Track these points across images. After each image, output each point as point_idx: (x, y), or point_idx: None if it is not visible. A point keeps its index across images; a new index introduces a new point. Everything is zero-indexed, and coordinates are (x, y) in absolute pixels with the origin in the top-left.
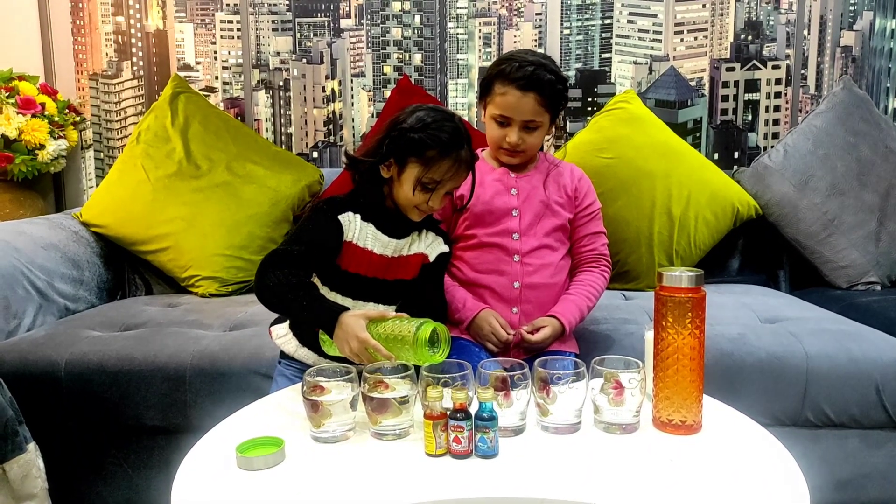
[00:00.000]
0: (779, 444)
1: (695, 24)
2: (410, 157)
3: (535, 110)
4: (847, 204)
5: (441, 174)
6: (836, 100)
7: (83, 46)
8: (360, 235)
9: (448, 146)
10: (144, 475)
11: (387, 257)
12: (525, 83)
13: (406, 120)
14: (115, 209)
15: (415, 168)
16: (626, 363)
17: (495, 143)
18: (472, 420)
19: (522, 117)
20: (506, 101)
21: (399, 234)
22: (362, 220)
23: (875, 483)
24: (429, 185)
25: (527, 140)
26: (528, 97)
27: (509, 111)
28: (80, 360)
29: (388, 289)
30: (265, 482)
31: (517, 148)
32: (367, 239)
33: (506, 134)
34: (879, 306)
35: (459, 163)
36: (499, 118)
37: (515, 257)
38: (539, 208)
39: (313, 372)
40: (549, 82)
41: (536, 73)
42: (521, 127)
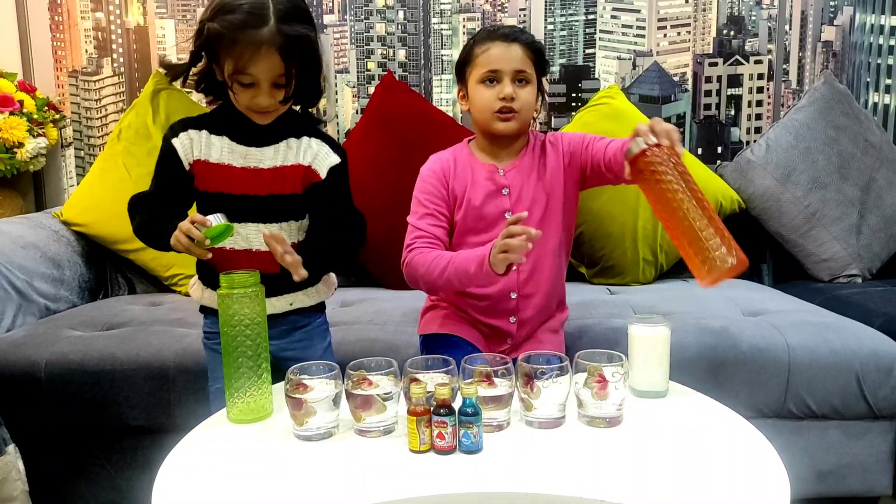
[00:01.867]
0: (761, 436)
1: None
2: (220, 53)
3: (523, 60)
4: (828, 197)
5: (245, 61)
6: (818, 94)
7: (62, 43)
8: (209, 151)
9: (239, 27)
10: (128, 476)
11: (250, 169)
12: (507, 36)
13: (207, 12)
14: (96, 207)
15: (228, 63)
16: (610, 357)
17: (488, 108)
18: (456, 415)
19: (513, 66)
20: (492, 54)
21: (259, 141)
22: (212, 135)
23: (856, 473)
24: (241, 77)
25: (521, 96)
26: (514, 46)
27: (498, 62)
28: (60, 359)
29: (266, 206)
30: (248, 481)
31: (512, 104)
32: (221, 153)
33: (498, 91)
34: (860, 298)
35: (260, 43)
36: (487, 75)
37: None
38: (534, 202)
39: (297, 370)
40: (531, 40)
41: (516, 30)
42: (514, 80)
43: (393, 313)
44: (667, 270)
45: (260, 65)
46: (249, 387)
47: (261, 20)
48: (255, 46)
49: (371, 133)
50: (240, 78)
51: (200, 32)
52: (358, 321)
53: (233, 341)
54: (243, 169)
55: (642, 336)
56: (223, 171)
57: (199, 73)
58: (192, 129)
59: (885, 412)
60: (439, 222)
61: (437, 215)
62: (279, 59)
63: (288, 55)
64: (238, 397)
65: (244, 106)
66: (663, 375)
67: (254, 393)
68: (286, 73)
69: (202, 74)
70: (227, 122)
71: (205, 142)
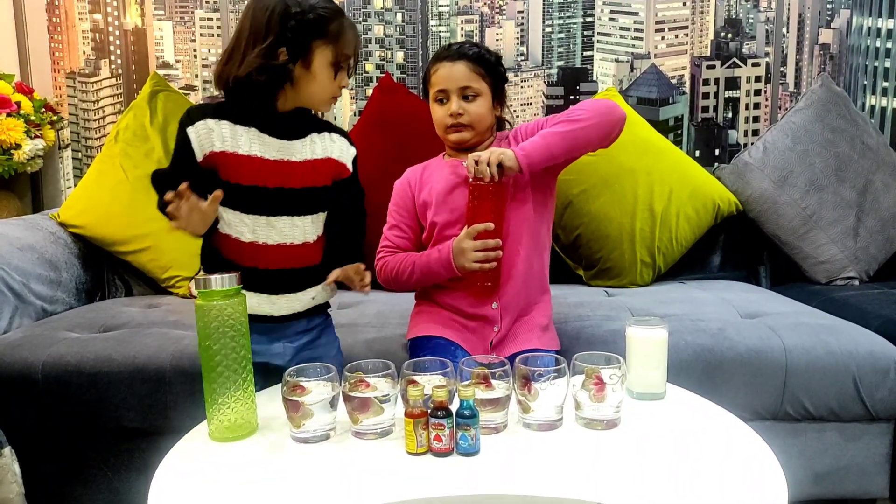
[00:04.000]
0: (758, 438)
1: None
2: (315, 41)
3: (468, 76)
4: (826, 200)
5: (349, 44)
6: (815, 97)
7: (60, 44)
8: (236, 142)
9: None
10: (124, 478)
11: (283, 161)
12: (452, 55)
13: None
14: (93, 209)
15: (325, 50)
16: (608, 359)
17: (441, 125)
18: (454, 418)
19: (457, 84)
20: (438, 75)
21: (289, 134)
22: (237, 125)
23: (852, 475)
24: (342, 61)
25: (469, 110)
26: (458, 65)
27: (444, 82)
28: (57, 361)
29: (300, 199)
30: (245, 484)
31: (460, 119)
32: (251, 145)
33: (447, 109)
34: (857, 301)
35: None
36: (438, 95)
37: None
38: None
39: (293, 372)
40: (476, 53)
41: (462, 46)
42: (460, 96)
43: (390, 315)
44: (664, 272)
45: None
46: (234, 402)
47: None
48: (353, 30)
49: (369, 135)
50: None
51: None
52: (355, 323)
53: (215, 355)
54: (276, 161)
55: (640, 338)
56: (254, 163)
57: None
58: (210, 119)
59: (882, 414)
60: (403, 233)
61: (401, 227)
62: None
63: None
64: (222, 413)
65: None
66: (661, 377)
67: (238, 408)
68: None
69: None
70: (253, 113)
71: (229, 132)
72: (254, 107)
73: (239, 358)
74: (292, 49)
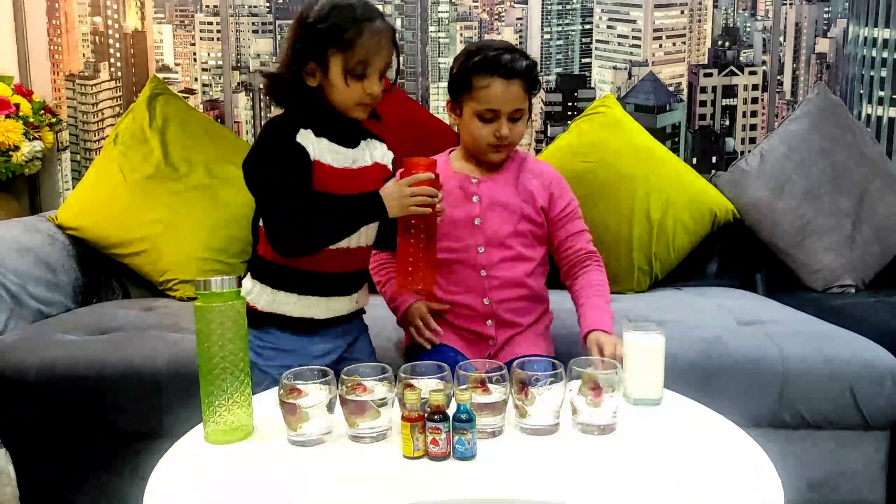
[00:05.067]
0: (754, 445)
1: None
2: (329, 49)
3: (521, 98)
4: (822, 208)
5: (365, 52)
6: (812, 105)
7: (59, 47)
8: (318, 151)
9: (361, 19)
10: (120, 481)
11: (349, 170)
12: (507, 72)
13: (308, 15)
14: (91, 211)
15: (337, 59)
16: (605, 364)
17: (483, 141)
18: (450, 422)
19: (511, 107)
20: (491, 93)
21: (352, 142)
22: (315, 136)
23: (849, 483)
24: (357, 69)
25: (514, 131)
26: (513, 85)
27: (497, 103)
28: (52, 364)
29: None
30: (241, 487)
31: (505, 140)
32: (325, 154)
33: (495, 129)
34: (854, 308)
35: (380, 34)
36: (485, 113)
37: (482, 272)
38: (505, 214)
39: (290, 375)
40: (529, 67)
41: (515, 60)
42: (510, 118)
43: (390, 320)
44: (661, 279)
45: (381, 53)
46: (231, 405)
47: (373, 13)
48: (379, 35)
49: None
50: (357, 69)
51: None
52: None
53: (213, 357)
54: (343, 170)
55: (637, 344)
56: (327, 171)
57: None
58: (302, 128)
59: (878, 422)
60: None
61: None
62: (391, 48)
63: (395, 45)
64: (219, 416)
65: (349, 101)
66: (658, 383)
67: (235, 411)
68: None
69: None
70: (325, 123)
71: (314, 142)
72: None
73: (237, 360)
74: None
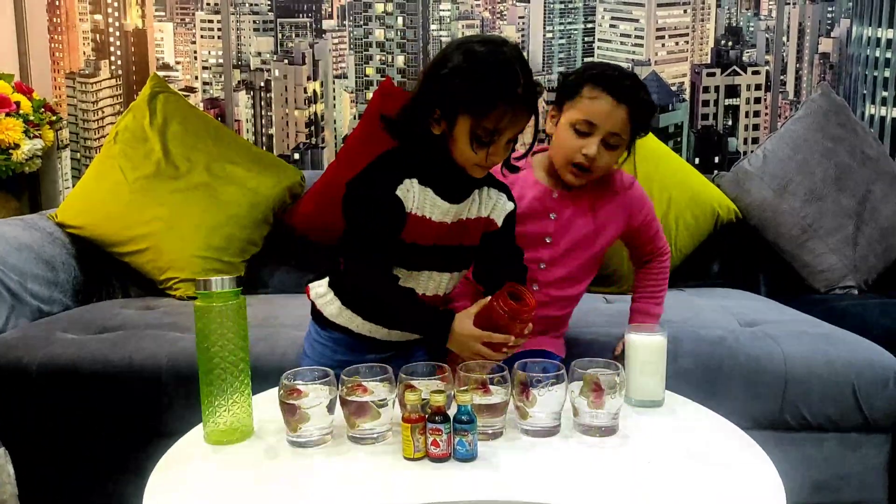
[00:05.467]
0: (756, 447)
1: (676, 30)
2: (459, 108)
3: (624, 125)
4: (825, 208)
5: (496, 122)
6: (815, 105)
7: (60, 45)
8: (418, 203)
9: (501, 89)
10: (119, 480)
11: (446, 224)
12: (622, 94)
13: (447, 63)
14: (91, 210)
15: (466, 120)
16: (606, 365)
17: (566, 156)
18: (451, 423)
19: (609, 128)
20: (595, 106)
21: (458, 197)
22: (420, 185)
23: (851, 485)
24: (484, 137)
25: (603, 157)
26: (621, 108)
27: (597, 117)
28: (52, 362)
29: (449, 256)
30: (240, 487)
31: (590, 164)
32: (424, 206)
33: (583, 145)
34: (857, 310)
35: (517, 105)
36: (582, 125)
37: (534, 286)
38: (577, 237)
39: (290, 375)
40: (645, 103)
41: (635, 88)
42: (603, 140)
43: None
44: None
45: (515, 126)
46: (231, 405)
47: (515, 79)
48: (516, 107)
49: (369, 139)
50: (484, 138)
51: (440, 89)
52: None
53: (213, 357)
54: (438, 223)
55: (639, 344)
56: (422, 223)
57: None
58: (407, 179)
59: (881, 423)
60: None
61: None
62: (528, 116)
63: (534, 110)
64: (218, 416)
65: (468, 161)
66: (659, 384)
67: (235, 411)
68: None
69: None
70: (433, 172)
71: (417, 193)
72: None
73: (237, 361)
74: (441, 110)
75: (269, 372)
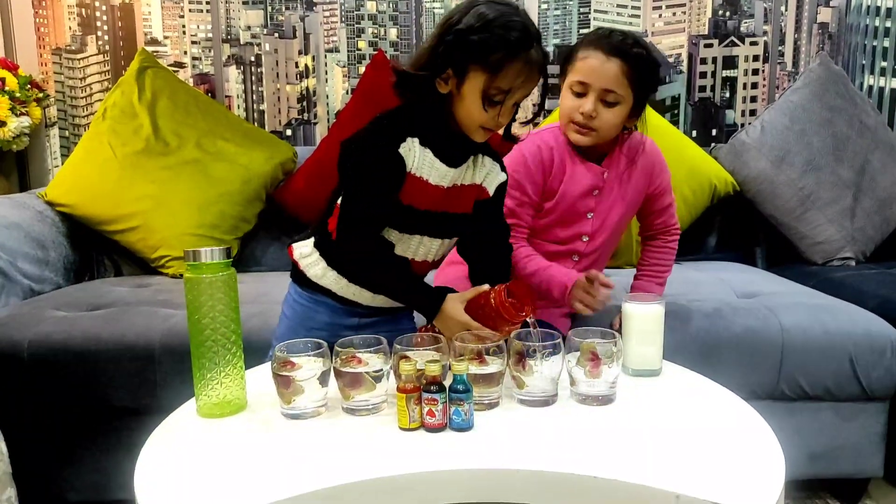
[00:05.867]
0: (755, 414)
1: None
2: (472, 65)
3: (617, 79)
4: (823, 179)
5: (510, 81)
6: (813, 76)
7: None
8: (418, 164)
9: (517, 45)
10: (112, 457)
11: (442, 188)
12: (610, 48)
13: (462, 19)
14: (81, 188)
15: (479, 77)
16: (603, 334)
17: (567, 115)
18: (447, 392)
19: (602, 84)
20: (587, 64)
21: (457, 161)
22: (420, 146)
23: (848, 455)
24: (496, 96)
25: (602, 115)
26: (611, 62)
27: (589, 75)
28: (43, 340)
29: (440, 223)
30: (234, 461)
31: (590, 122)
32: (422, 167)
33: (581, 104)
34: (854, 281)
35: (531, 65)
36: (576, 86)
37: (575, 257)
38: (613, 210)
39: (283, 347)
40: (638, 55)
41: (626, 42)
42: (599, 97)
43: None
44: None
45: (526, 87)
46: (223, 378)
47: (530, 39)
48: (531, 66)
49: (361, 113)
50: (496, 97)
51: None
52: None
53: (205, 329)
54: (434, 186)
55: (636, 314)
56: (419, 185)
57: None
58: (408, 137)
59: (878, 393)
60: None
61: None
62: (538, 79)
63: (545, 75)
64: (211, 389)
65: (473, 122)
66: (657, 353)
67: (228, 384)
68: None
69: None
70: (434, 134)
71: (418, 154)
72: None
73: (229, 333)
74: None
75: (262, 347)
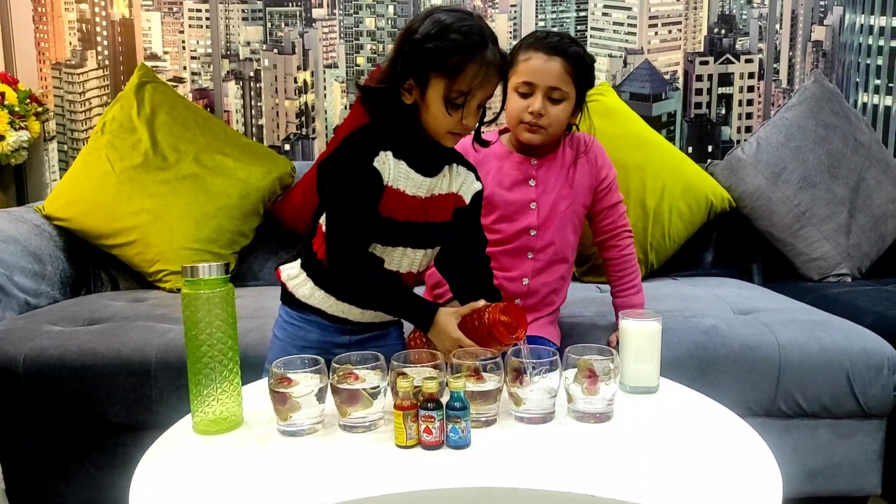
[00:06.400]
0: (752, 432)
1: (669, 18)
2: (431, 73)
3: (561, 77)
4: (818, 196)
5: (469, 83)
6: (808, 93)
7: (45, 35)
8: (393, 176)
9: (472, 47)
10: (108, 474)
11: (420, 198)
12: (550, 48)
13: (418, 29)
14: (79, 201)
15: (439, 83)
16: (600, 352)
17: (516, 117)
18: (444, 410)
19: (547, 82)
20: (530, 65)
21: (432, 170)
22: (394, 158)
23: (845, 473)
24: (457, 99)
25: (550, 112)
26: (553, 61)
27: (533, 76)
28: (39, 354)
29: (421, 233)
30: (230, 477)
31: (539, 120)
32: (399, 179)
33: (528, 104)
34: (850, 297)
35: (488, 66)
36: (522, 87)
37: (529, 254)
38: (557, 200)
39: (280, 364)
40: (576, 53)
41: (563, 42)
42: (546, 95)
43: None
44: (657, 269)
45: (485, 87)
46: (220, 394)
47: (484, 41)
48: (487, 66)
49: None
50: (457, 99)
51: (412, 52)
52: None
53: (201, 345)
54: (412, 197)
55: (633, 330)
56: (397, 196)
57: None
58: (382, 151)
59: (875, 411)
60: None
61: None
62: (497, 80)
63: (504, 76)
64: (207, 406)
65: (440, 127)
66: (654, 370)
67: (224, 401)
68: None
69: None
70: (407, 145)
71: (392, 166)
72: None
73: (226, 349)
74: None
75: (259, 363)
